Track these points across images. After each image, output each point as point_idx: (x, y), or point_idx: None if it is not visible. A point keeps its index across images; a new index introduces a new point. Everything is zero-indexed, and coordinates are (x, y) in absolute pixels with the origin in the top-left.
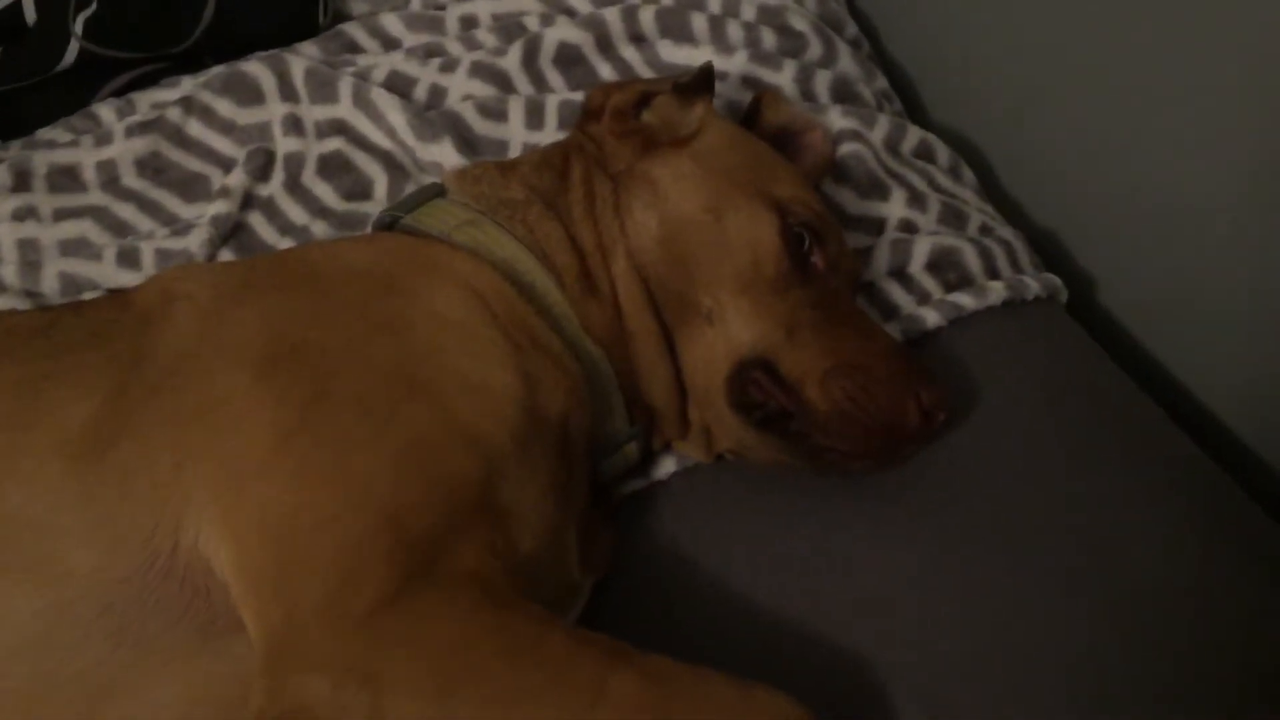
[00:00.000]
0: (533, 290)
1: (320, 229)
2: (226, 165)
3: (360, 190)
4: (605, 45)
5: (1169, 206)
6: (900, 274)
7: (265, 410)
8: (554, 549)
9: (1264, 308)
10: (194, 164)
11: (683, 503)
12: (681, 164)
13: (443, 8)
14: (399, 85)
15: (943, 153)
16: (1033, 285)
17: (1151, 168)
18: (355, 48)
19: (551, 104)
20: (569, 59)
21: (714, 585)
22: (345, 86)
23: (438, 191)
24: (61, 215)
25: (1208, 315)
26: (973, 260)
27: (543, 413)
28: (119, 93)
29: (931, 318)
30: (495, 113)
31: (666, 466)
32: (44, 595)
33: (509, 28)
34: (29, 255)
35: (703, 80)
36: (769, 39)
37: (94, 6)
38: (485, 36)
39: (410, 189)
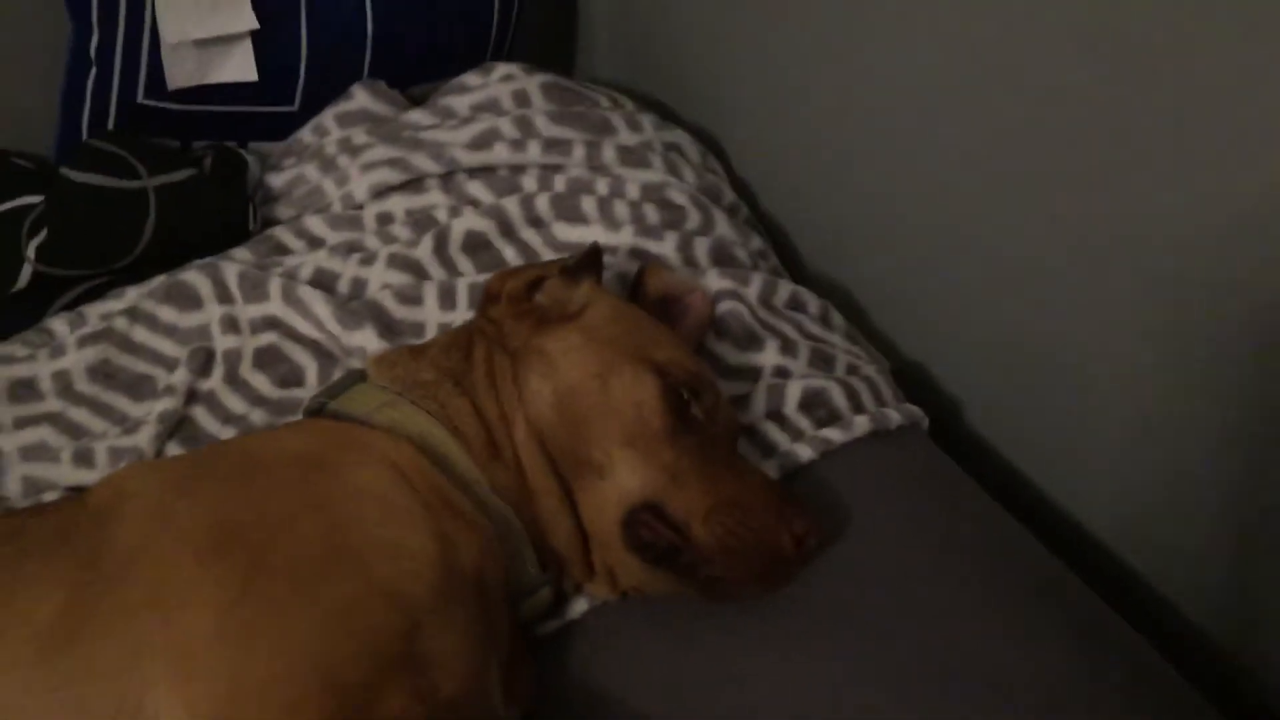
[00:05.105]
0: (445, 460)
1: (259, 416)
2: (170, 365)
3: (293, 378)
4: (507, 230)
5: (1027, 338)
6: (776, 415)
7: (208, 589)
8: (478, 689)
9: (1124, 420)
10: (141, 366)
11: (596, 639)
12: (570, 337)
13: (360, 207)
14: (324, 280)
15: (813, 303)
16: (894, 416)
17: (1011, 303)
18: (283, 249)
19: (462, 286)
20: (475, 245)
21: (632, 714)
22: (275, 285)
23: (360, 377)
24: (21, 423)
25: (1068, 432)
26: (840, 398)
27: (458, 567)
28: (70, 305)
29: (805, 453)
30: (411, 298)
31: (579, 606)
32: None
33: (421, 221)
34: None
35: (588, 261)
36: (652, 214)
37: (45, 234)
38: (400, 230)
39: (338, 373)
